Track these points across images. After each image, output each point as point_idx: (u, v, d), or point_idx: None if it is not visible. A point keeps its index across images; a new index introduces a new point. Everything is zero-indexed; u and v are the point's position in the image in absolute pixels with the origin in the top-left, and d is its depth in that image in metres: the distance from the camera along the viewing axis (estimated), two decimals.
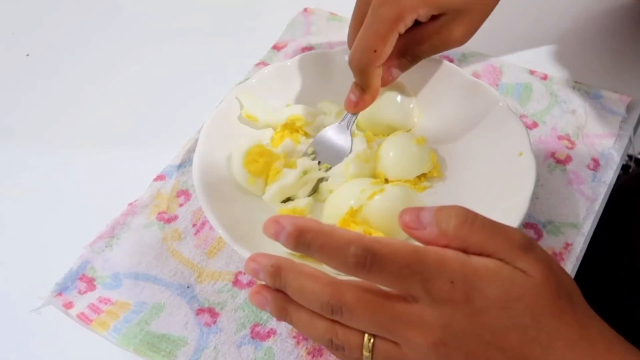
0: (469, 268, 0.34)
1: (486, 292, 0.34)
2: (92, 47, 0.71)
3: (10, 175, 0.59)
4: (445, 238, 0.35)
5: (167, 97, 0.65)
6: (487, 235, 0.35)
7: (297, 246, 0.35)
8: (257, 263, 0.37)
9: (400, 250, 0.34)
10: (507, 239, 0.35)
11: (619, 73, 0.64)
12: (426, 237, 0.36)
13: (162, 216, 0.54)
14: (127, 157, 0.59)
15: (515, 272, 0.34)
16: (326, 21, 0.71)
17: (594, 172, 0.56)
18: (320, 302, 0.35)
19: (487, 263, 0.34)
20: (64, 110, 0.64)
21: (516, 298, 0.34)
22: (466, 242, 0.35)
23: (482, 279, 0.34)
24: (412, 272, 0.33)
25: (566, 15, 0.71)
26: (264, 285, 0.38)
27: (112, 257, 0.51)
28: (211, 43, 0.70)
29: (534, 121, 0.60)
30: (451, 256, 0.34)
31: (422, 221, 0.36)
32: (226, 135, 0.55)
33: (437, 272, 0.34)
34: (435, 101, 0.58)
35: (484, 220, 0.36)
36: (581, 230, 0.52)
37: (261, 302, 0.38)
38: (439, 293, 0.33)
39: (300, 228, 0.35)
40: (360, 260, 0.34)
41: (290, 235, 0.35)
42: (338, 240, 0.34)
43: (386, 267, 0.34)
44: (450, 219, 0.35)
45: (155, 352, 0.46)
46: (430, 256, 0.34)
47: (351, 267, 0.34)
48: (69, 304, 0.48)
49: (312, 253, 0.35)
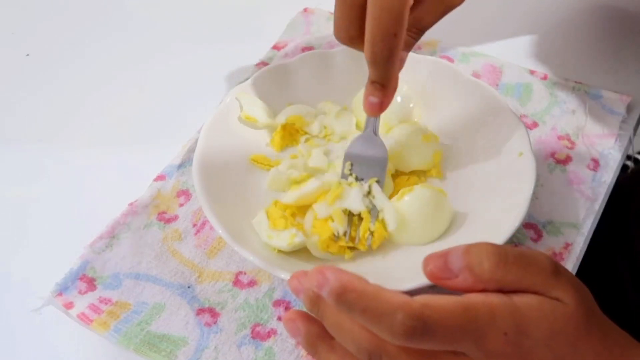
0: (517, 314, 0.33)
1: (534, 334, 0.33)
2: (92, 47, 0.71)
3: (9, 176, 0.59)
4: (481, 283, 0.34)
5: (167, 97, 0.65)
6: (521, 270, 0.34)
7: (339, 304, 0.33)
8: (300, 283, 0.35)
9: (451, 314, 0.32)
10: (540, 269, 0.34)
11: (619, 73, 0.64)
12: (461, 286, 0.34)
13: (163, 216, 0.54)
14: (127, 157, 0.59)
15: (555, 306, 0.34)
16: (326, 21, 0.71)
17: (594, 172, 0.56)
18: (357, 345, 0.33)
19: (530, 302, 0.33)
20: (64, 110, 0.64)
21: (558, 332, 0.33)
22: (502, 282, 0.34)
23: (530, 322, 0.33)
24: (465, 334, 0.32)
25: (566, 15, 0.71)
26: (300, 312, 0.37)
27: (112, 257, 0.51)
28: (211, 43, 0.70)
29: (534, 121, 0.60)
30: (499, 305, 0.33)
31: (452, 269, 0.34)
32: (226, 135, 0.55)
33: (489, 327, 0.32)
34: (435, 101, 0.58)
35: (515, 255, 0.34)
36: (581, 230, 0.52)
37: (294, 331, 0.37)
38: (493, 348, 0.32)
39: (344, 286, 0.32)
40: (409, 330, 0.31)
41: (332, 292, 0.33)
42: (384, 305, 0.32)
43: (438, 334, 0.32)
44: (482, 262, 0.34)
45: (156, 352, 0.46)
46: (481, 312, 0.32)
47: (399, 336, 0.32)
48: (69, 304, 0.48)
49: (354, 315, 0.33)
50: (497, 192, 0.51)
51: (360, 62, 0.59)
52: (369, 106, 0.47)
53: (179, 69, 0.68)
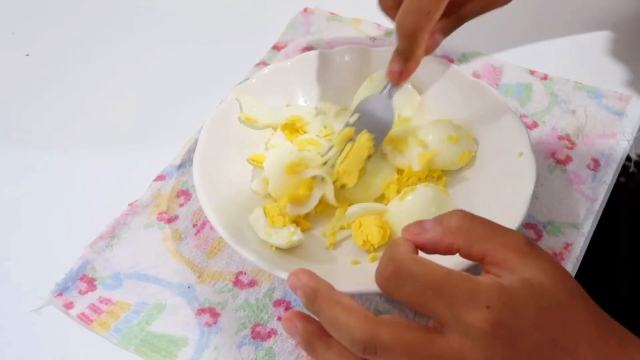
0: (503, 292, 0.33)
1: (524, 314, 0.33)
2: (92, 47, 0.71)
3: (9, 176, 0.59)
4: (450, 234, 0.35)
5: (167, 97, 0.65)
6: (489, 229, 0.35)
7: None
8: (298, 279, 0.36)
9: (430, 270, 0.33)
10: (512, 240, 0.35)
11: (619, 73, 0.64)
12: (432, 238, 0.36)
13: (163, 216, 0.54)
14: (127, 157, 0.59)
15: (540, 284, 0.33)
16: (326, 21, 0.71)
17: (594, 172, 0.56)
18: (351, 338, 0.34)
19: (514, 283, 0.33)
20: (64, 110, 0.64)
21: (546, 311, 0.33)
22: (471, 235, 0.35)
23: (518, 301, 0.33)
24: (439, 294, 0.33)
25: (566, 15, 0.71)
26: (298, 312, 0.37)
27: (112, 257, 0.51)
28: (211, 43, 0.70)
29: (534, 121, 0.60)
30: (485, 281, 0.33)
31: (425, 226, 0.36)
32: (226, 135, 0.55)
33: (469, 297, 0.32)
34: (435, 101, 0.58)
35: (480, 216, 0.36)
36: (581, 230, 0.52)
37: (291, 330, 0.37)
38: (474, 321, 0.32)
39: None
40: (386, 267, 0.34)
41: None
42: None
43: (411, 281, 0.33)
44: (451, 216, 0.36)
45: (156, 352, 0.46)
46: (462, 278, 0.33)
47: (379, 275, 0.34)
48: (69, 304, 0.48)
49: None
50: (497, 192, 0.51)
51: (360, 62, 0.60)
52: (390, 73, 0.50)
53: (179, 69, 0.68)
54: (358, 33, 0.69)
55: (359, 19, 0.70)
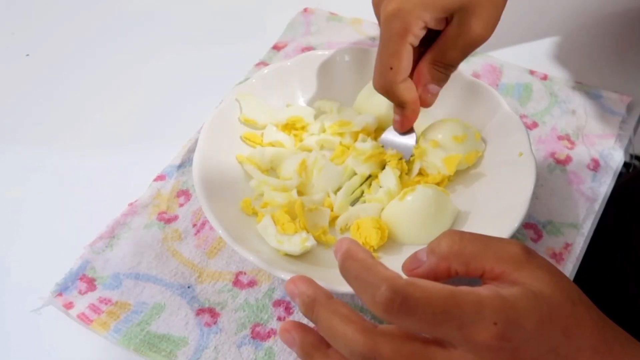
0: (506, 304, 0.33)
1: (526, 325, 0.32)
2: (92, 47, 0.71)
3: (9, 176, 0.59)
4: (444, 260, 0.35)
5: (167, 98, 0.65)
6: (481, 245, 0.35)
7: (341, 269, 0.35)
8: (296, 287, 0.36)
9: (435, 295, 0.32)
10: (502, 251, 0.35)
11: (619, 73, 0.64)
12: (429, 268, 0.36)
13: (163, 216, 0.54)
14: (127, 157, 0.59)
15: (540, 294, 0.33)
16: (326, 21, 0.71)
17: (594, 172, 0.56)
18: (350, 349, 0.33)
19: (515, 293, 0.33)
20: (64, 110, 0.64)
21: (548, 321, 0.33)
22: (463, 256, 0.35)
23: (520, 313, 0.33)
24: (447, 318, 0.32)
25: (566, 15, 0.71)
26: (295, 323, 0.37)
27: (112, 257, 0.51)
28: (211, 43, 0.70)
29: (534, 121, 0.60)
30: (488, 295, 0.33)
31: (420, 258, 0.36)
32: (226, 135, 0.55)
33: (476, 316, 0.32)
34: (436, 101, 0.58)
35: (471, 233, 0.36)
36: (581, 230, 0.52)
37: (289, 341, 0.37)
38: (483, 339, 0.32)
39: (349, 252, 0.35)
40: (389, 302, 0.32)
41: (341, 255, 0.35)
42: (373, 277, 0.33)
43: (418, 312, 0.32)
44: (440, 242, 0.36)
45: (156, 352, 0.46)
46: (468, 299, 0.32)
47: (379, 306, 0.32)
48: (69, 304, 0.48)
49: (349, 280, 0.35)
50: (497, 192, 0.51)
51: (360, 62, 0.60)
52: (394, 123, 0.54)
53: (179, 69, 0.68)
54: (358, 33, 0.69)
55: (359, 19, 0.70)
